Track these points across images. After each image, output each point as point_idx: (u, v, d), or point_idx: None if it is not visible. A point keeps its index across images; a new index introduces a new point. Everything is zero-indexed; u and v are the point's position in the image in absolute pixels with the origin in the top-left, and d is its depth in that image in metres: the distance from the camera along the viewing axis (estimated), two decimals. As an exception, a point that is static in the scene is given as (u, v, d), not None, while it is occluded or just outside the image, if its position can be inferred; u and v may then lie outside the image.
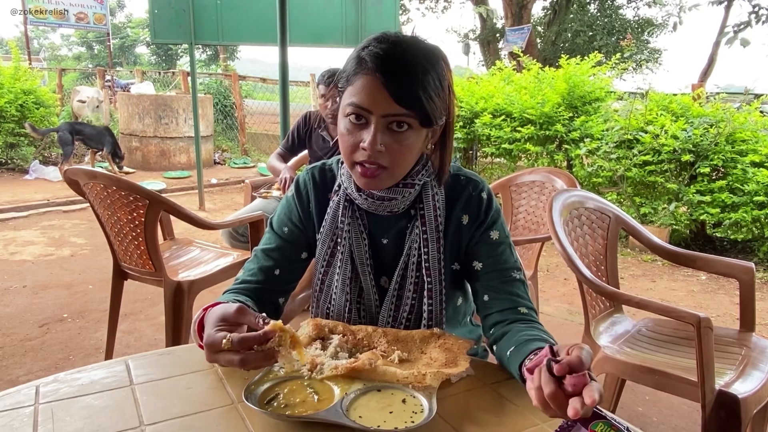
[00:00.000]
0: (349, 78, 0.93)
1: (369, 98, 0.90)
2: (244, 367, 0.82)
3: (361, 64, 0.91)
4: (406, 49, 0.92)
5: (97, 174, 2.10)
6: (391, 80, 0.89)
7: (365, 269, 1.06)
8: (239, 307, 0.87)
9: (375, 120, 0.91)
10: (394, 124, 0.92)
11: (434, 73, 0.93)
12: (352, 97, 0.92)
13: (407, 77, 0.90)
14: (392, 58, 0.90)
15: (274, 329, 0.82)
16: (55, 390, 0.85)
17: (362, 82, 0.91)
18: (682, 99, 4.73)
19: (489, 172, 6.15)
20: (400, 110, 0.90)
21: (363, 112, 0.92)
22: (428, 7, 17.03)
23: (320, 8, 5.14)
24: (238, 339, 0.81)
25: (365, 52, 0.92)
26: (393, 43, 0.92)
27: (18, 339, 2.75)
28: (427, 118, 0.93)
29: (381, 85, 0.89)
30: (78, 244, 4.44)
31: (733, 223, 4.08)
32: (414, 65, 0.91)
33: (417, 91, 0.90)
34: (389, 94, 0.89)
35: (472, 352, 1.05)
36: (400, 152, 0.94)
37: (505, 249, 1.05)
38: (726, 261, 1.81)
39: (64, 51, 34.45)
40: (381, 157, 0.93)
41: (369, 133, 0.91)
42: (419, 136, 0.95)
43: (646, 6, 15.86)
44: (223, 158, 9.08)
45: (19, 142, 7.56)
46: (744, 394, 1.37)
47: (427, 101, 0.91)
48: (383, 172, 0.95)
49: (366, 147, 0.91)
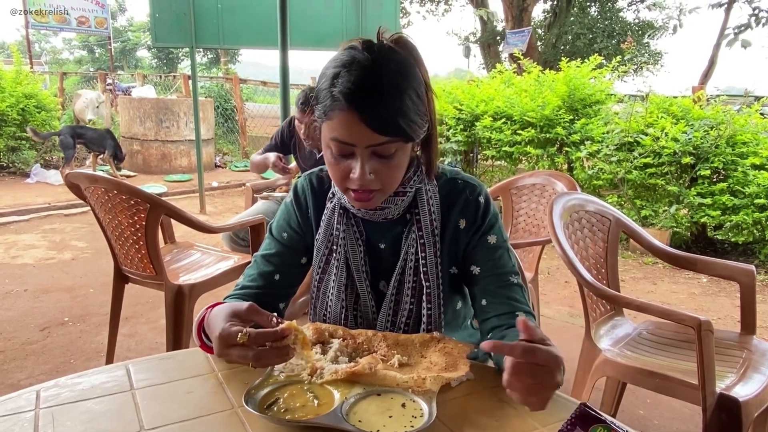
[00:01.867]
0: (326, 112, 0.89)
1: (351, 133, 0.88)
2: (256, 363, 0.82)
3: (336, 100, 0.87)
4: (378, 72, 0.87)
5: (98, 178, 2.11)
6: (369, 114, 0.86)
7: (361, 275, 1.07)
8: (251, 305, 0.87)
9: (360, 152, 0.90)
10: (380, 149, 0.90)
11: (410, 90, 0.89)
12: (332, 132, 0.90)
13: (384, 106, 0.87)
14: (365, 89, 0.86)
15: (289, 327, 0.83)
16: (56, 395, 0.86)
17: (339, 118, 0.88)
18: (683, 101, 4.72)
19: (489, 175, 6.15)
20: (382, 139, 0.88)
21: (346, 147, 0.90)
22: (429, 10, 17.06)
23: (321, 12, 5.15)
24: (254, 334, 0.81)
25: (338, 85, 0.87)
26: (363, 69, 0.86)
27: (19, 343, 2.75)
28: (410, 138, 0.91)
29: (358, 119, 0.86)
30: (79, 248, 4.45)
31: (733, 226, 4.08)
32: (389, 90, 0.87)
33: (396, 118, 0.87)
34: (369, 127, 0.86)
35: (472, 356, 1.05)
36: (389, 174, 0.94)
37: (503, 253, 1.05)
38: (727, 264, 1.81)
39: (66, 55, 34.53)
40: (372, 183, 0.92)
41: (356, 163, 0.90)
42: (406, 152, 0.95)
43: (647, 9, 15.89)
44: (224, 161, 9.10)
45: (20, 145, 7.58)
46: (745, 398, 1.37)
47: (408, 125, 0.89)
48: (376, 193, 0.95)
49: (356, 179, 0.90)
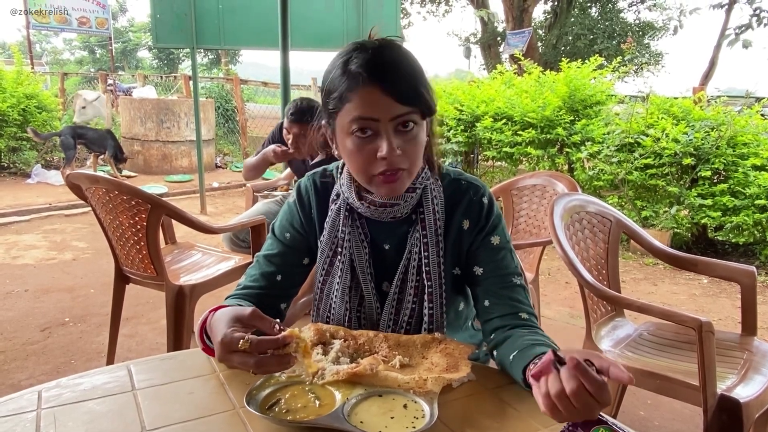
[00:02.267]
0: (343, 96, 0.92)
1: (374, 107, 0.91)
2: (257, 370, 0.82)
3: (355, 77, 0.91)
4: (389, 51, 0.93)
5: (99, 178, 2.11)
6: (390, 83, 0.90)
7: (366, 277, 1.07)
8: (254, 310, 0.87)
9: (384, 127, 0.92)
10: (401, 126, 0.93)
11: (420, 68, 0.95)
12: (354, 112, 0.92)
13: (403, 76, 0.92)
14: (382, 62, 0.91)
15: (291, 335, 0.83)
16: (58, 395, 0.86)
17: (361, 93, 0.91)
18: (683, 102, 4.72)
19: (490, 176, 6.15)
20: (405, 109, 0.91)
21: (371, 123, 0.92)
22: (429, 10, 17.07)
23: (321, 12, 5.15)
24: (256, 341, 0.81)
25: (353, 64, 0.92)
26: (374, 49, 0.92)
27: (20, 343, 2.75)
28: (428, 109, 0.95)
29: (381, 91, 0.90)
30: (80, 248, 4.45)
31: (734, 227, 4.08)
32: (404, 63, 0.93)
33: (416, 86, 0.92)
34: (391, 97, 0.90)
35: (474, 357, 1.05)
36: (414, 150, 0.95)
37: (505, 254, 1.05)
38: (727, 265, 1.81)
39: (67, 55, 34.53)
40: (400, 160, 0.93)
41: (383, 141, 0.92)
42: (423, 130, 0.97)
43: (647, 9, 15.89)
44: (224, 162, 9.10)
45: (21, 146, 7.59)
46: (746, 399, 1.37)
47: (426, 92, 0.94)
48: (403, 174, 0.96)
49: (385, 155, 0.91)
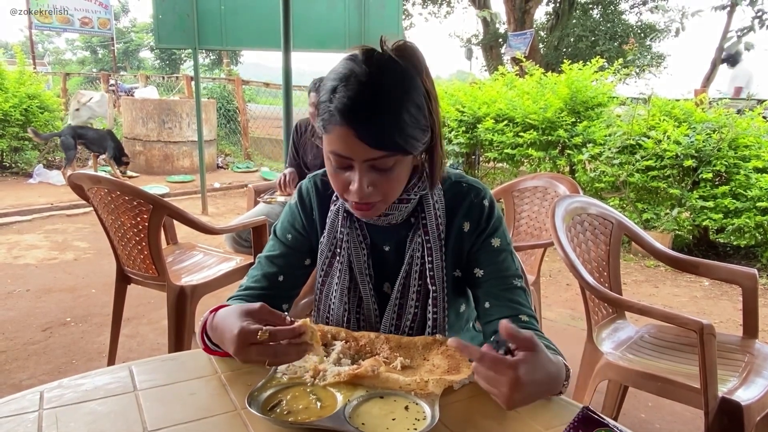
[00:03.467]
0: (324, 125, 0.90)
1: (347, 148, 0.89)
2: (275, 360, 0.84)
3: (333, 115, 0.87)
4: (375, 88, 0.86)
5: (101, 179, 2.11)
6: (364, 130, 0.86)
7: (364, 279, 1.07)
8: (263, 305, 0.89)
9: (358, 165, 0.90)
10: (378, 162, 0.90)
11: (409, 104, 0.88)
12: (331, 145, 0.91)
13: (380, 123, 0.86)
14: (361, 105, 0.86)
15: (304, 324, 0.86)
16: (60, 395, 0.86)
17: (336, 132, 0.88)
18: (685, 104, 4.71)
19: (491, 178, 6.15)
20: (379, 153, 0.88)
21: (344, 160, 0.91)
22: (431, 11, 17.06)
23: (323, 13, 5.16)
24: (275, 331, 0.83)
25: (334, 101, 0.87)
26: (360, 84, 0.86)
27: (21, 343, 2.75)
28: (407, 151, 0.90)
29: (354, 135, 0.86)
30: (81, 248, 4.45)
31: (736, 229, 4.07)
32: (386, 105, 0.86)
33: (392, 134, 0.87)
34: (365, 142, 0.87)
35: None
36: (389, 186, 0.94)
37: (506, 256, 1.05)
38: (729, 267, 1.81)
39: (69, 55, 34.55)
40: (372, 195, 0.92)
41: (355, 176, 0.91)
42: (406, 164, 0.94)
43: (649, 11, 15.87)
44: (226, 162, 9.10)
45: (23, 146, 7.60)
46: (747, 401, 1.37)
47: (405, 140, 0.88)
48: (377, 204, 0.95)
49: (355, 191, 0.91)
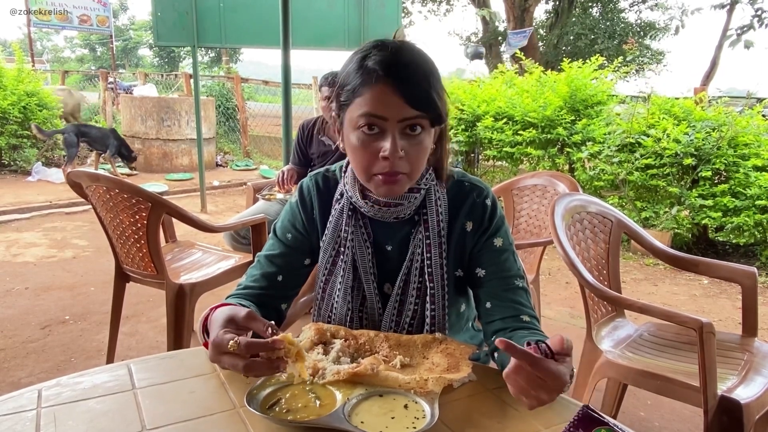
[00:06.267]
0: (356, 89, 0.92)
1: (383, 105, 0.90)
2: (246, 373, 0.81)
3: (369, 73, 0.91)
4: (409, 53, 0.93)
5: (99, 176, 2.11)
6: (403, 85, 0.90)
7: (369, 278, 1.06)
8: (249, 312, 0.87)
9: (391, 127, 0.91)
10: (408, 129, 0.92)
11: (437, 74, 0.95)
12: (363, 107, 0.91)
13: (417, 80, 0.91)
14: (399, 63, 0.91)
15: (282, 340, 0.82)
16: (58, 394, 0.86)
17: (373, 90, 0.90)
18: (685, 103, 4.72)
19: (491, 176, 6.14)
20: (414, 113, 0.91)
21: (378, 121, 0.91)
22: (431, 10, 17.06)
23: (323, 11, 5.15)
24: (245, 343, 0.80)
25: (370, 61, 0.91)
26: (393, 48, 0.92)
27: (20, 341, 2.75)
28: (438, 117, 0.94)
29: (393, 91, 0.89)
30: (80, 246, 4.44)
31: (735, 228, 4.07)
32: (420, 67, 0.92)
33: (429, 92, 0.92)
34: (403, 98, 0.90)
35: (474, 358, 1.05)
36: (417, 155, 0.94)
37: (508, 256, 1.05)
38: (728, 266, 1.80)
39: (67, 53, 34.53)
40: (401, 163, 0.93)
41: (387, 140, 0.91)
42: (430, 137, 0.96)
43: (649, 9, 15.87)
44: (225, 161, 9.08)
45: (22, 143, 7.57)
46: (746, 400, 1.37)
47: (438, 100, 0.93)
48: (403, 177, 0.95)
49: (388, 155, 0.91)
